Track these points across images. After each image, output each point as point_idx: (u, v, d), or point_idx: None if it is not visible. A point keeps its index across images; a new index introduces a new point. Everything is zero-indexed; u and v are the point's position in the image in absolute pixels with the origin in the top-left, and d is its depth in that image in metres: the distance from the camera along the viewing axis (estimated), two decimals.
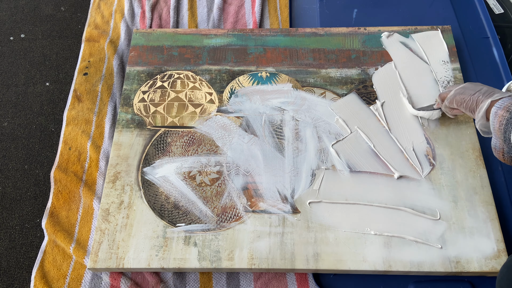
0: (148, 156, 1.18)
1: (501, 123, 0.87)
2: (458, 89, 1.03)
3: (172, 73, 1.32)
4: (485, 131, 0.96)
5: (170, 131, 1.22)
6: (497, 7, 1.48)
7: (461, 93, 1.01)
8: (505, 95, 0.92)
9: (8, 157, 1.37)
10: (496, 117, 0.89)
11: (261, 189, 1.12)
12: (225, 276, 1.09)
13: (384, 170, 1.14)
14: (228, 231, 1.07)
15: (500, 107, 0.88)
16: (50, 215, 1.18)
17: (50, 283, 1.09)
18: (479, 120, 0.95)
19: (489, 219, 1.06)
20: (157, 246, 1.06)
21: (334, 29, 1.38)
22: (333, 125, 1.21)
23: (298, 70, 1.31)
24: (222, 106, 1.25)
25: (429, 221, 1.06)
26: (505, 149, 0.89)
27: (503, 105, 0.88)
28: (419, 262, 1.01)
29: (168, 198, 1.12)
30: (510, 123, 0.85)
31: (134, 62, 1.35)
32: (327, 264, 1.02)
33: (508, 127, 0.86)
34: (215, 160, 1.17)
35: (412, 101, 1.23)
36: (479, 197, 1.09)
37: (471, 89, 0.99)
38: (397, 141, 1.17)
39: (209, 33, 1.40)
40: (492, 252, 1.02)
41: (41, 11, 1.72)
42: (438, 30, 1.35)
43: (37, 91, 1.50)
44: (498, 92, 0.95)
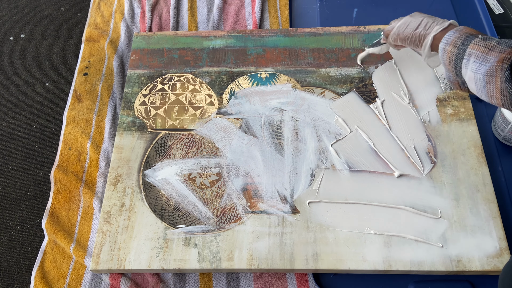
0: (149, 159, 1.18)
1: (451, 59, 0.89)
2: (400, 25, 1.06)
3: (172, 76, 1.32)
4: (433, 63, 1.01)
5: (171, 134, 1.22)
6: (497, 7, 1.47)
7: (403, 29, 1.05)
8: (445, 25, 0.96)
9: (8, 157, 1.37)
10: (445, 53, 0.91)
11: (260, 189, 1.12)
12: (225, 276, 1.09)
13: (384, 169, 1.14)
14: (228, 232, 1.07)
15: (447, 43, 0.90)
16: (50, 215, 1.18)
17: (50, 283, 1.10)
18: (426, 54, 0.99)
19: (491, 217, 1.06)
20: (157, 247, 1.06)
21: (333, 29, 1.38)
22: (332, 124, 1.21)
23: (298, 70, 1.31)
24: (222, 108, 1.25)
25: (430, 219, 1.06)
26: (459, 81, 0.91)
27: (449, 40, 0.90)
28: (420, 262, 1.01)
29: (169, 200, 1.12)
30: (459, 58, 0.87)
31: (135, 65, 1.35)
32: (327, 264, 1.02)
33: (457, 62, 0.88)
34: (215, 162, 1.17)
35: (412, 98, 1.23)
36: (481, 195, 1.09)
37: (412, 22, 1.03)
38: (397, 139, 1.17)
39: (208, 35, 1.40)
40: (494, 251, 1.02)
41: (41, 11, 1.72)
42: None
43: (37, 91, 1.50)
44: (438, 22, 0.98)
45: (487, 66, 0.81)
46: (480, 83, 0.84)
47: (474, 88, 0.86)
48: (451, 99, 1.22)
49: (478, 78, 0.83)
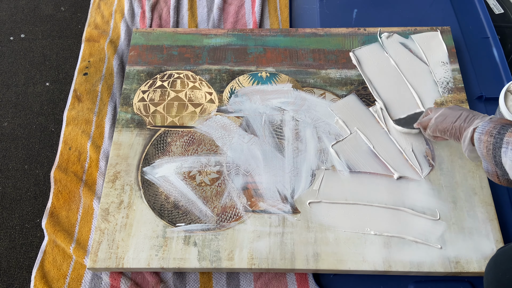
0: (148, 156, 1.18)
1: (488, 149, 0.87)
2: (438, 117, 1.03)
3: (172, 73, 1.32)
4: (474, 156, 0.96)
5: (170, 131, 1.22)
6: (497, 7, 1.48)
7: (441, 121, 1.01)
8: (485, 119, 0.92)
9: (8, 157, 1.37)
10: (481, 143, 0.89)
11: (261, 189, 1.12)
12: (225, 276, 1.09)
13: (383, 170, 1.14)
14: (228, 231, 1.07)
15: (482, 132, 0.89)
16: (50, 215, 1.18)
17: (50, 283, 1.10)
18: (466, 148, 0.95)
19: (488, 220, 1.06)
20: (156, 246, 1.06)
21: (334, 30, 1.38)
22: (332, 125, 1.21)
23: (298, 71, 1.31)
24: (222, 106, 1.25)
25: (429, 221, 1.06)
26: (498, 173, 0.88)
27: (484, 130, 0.88)
28: (419, 262, 1.02)
29: (168, 198, 1.12)
30: (497, 147, 0.85)
31: (134, 61, 1.35)
32: (327, 264, 1.02)
33: (496, 151, 0.85)
34: (215, 160, 1.17)
35: (391, 113, 1.23)
36: (479, 198, 1.09)
37: (451, 116, 1.00)
38: (396, 142, 1.17)
39: (209, 33, 1.40)
40: (491, 253, 1.02)
41: (41, 11, 1.72)
42: (437, 31, 1.35)
43: (37, 91, 1.50)
44: (478, 116, 0.95)
45: None
46: None
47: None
48: (449, 103, 1.23)
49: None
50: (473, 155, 0.96)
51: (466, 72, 1.32)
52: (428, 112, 1.09)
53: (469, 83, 1.30)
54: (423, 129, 1.10)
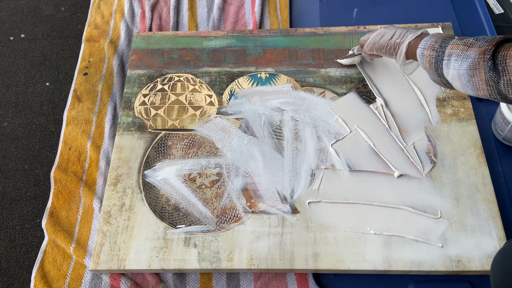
0: (149, 159, 1.18)
1: (431, 62, 0.93)
2: (375, 35, 1.10)
3: (172, 76, 1.32)
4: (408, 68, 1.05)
5: (171, 134, 1.22)
6: (497, 7, 1.47)
7: (378, 39, 1.08)
8: (418, 33, 1.00)
9: (8, 157, 1.37)
10: (424, 57, 0.94)
11: (260, 189, 1.12)
12: (225, 276, 1.09)
13: (384, 169, 1.14)
14: (228, 232, 1.07)
15: (425, 47, 0.94)
16: (50, 215, 1.18)
17: (50, 283, 1.10)
18: (401, 63, 1.03)
19: (491, 217, 1.06)
20: (157, 247, 1.06)
21: (333, 29, 1.38)
22: (332, 124, 1.21)
23: (298, 70, 1.31)
24: (221, 108, 1.25)
25: (430, 219, 1.06)
26: (443, 81, 0.94)
27: (427, 45, 0.94)
28: (420, 261, 1.01)
29: (169, 200, 1.12)
30: (439, 60, 0.90)
31: (135, 65, 1.35)
32: (327, 264, 1.02)
33: (438, 64, 0.91)
34: (215, 162, 1.17)
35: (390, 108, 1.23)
36: (481, 195, 1.09)
37: (387, 34, 1.07)
38: (397, 139, 1.17)
39: (208, 35, 1.40)
40: (494, 251, 1.02)
41: (41, 11, 1.72)
42: (438, 27, 1.35)
43: (37, 91, 1.50)
44: (411, 31, 1.02)
45: (468, 61, 0.84)
46: (465, 78, 0.86)
47: (459, 85, 0.89)
48: (451, 99, 1.22)
49: (462, 74, 0.86)
50: (407, 68, 1.05)
51: None
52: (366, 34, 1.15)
53: None
54: (360, 47, 1.18)
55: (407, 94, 1.24)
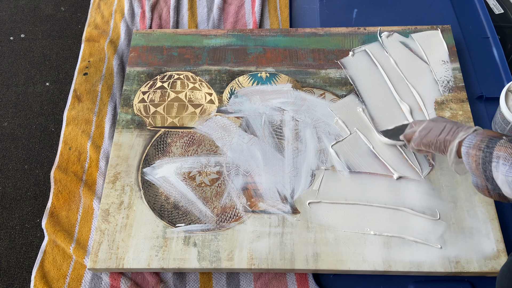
0: (148, 157, 1.18)
1: (478, 163, 0.85)
2: (421, 130, 1.01)
3: (172, 74, 1.32)
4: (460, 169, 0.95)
5: (170, 132, 1.22)
6: (497, 7, 1.48)
7: (425, 135, 0.99)
8: (470, 131, 0.91)
9: (8, 157, 1.37)
10: (469, 157, 0.87)
11: (261, 189, 1.12)
12: (225, 276, 1.09)
13: (383, 170, 1.14)
14: (228, 231, 1.07)
15: (470, 146, 0.87)
16: (50, 215, 1.18)
17: (50, 283, 1.10)
18: (452, 162, 0.94)
19: (489, 219, 1.06)
20: (156, 246, 1.06)
21: (333, 29, 1.38)
22: (332, 126, 1.21)
23: (298, 71, 1.31)
24: (222, 107, 1.25)
25: (429, 221, 1.06)
26: (489, 187, 0.86)
27: (471, 143, 0.87)
28: (419, 262, 1.01)
29: (168, 199, 1.12)
30: (487, 162, 0.83)
31: (134, 62, 1.35)
32: (327, 264, 1.02)
33: (486, 166, 0.83)
34: (215, 161, 1.17)
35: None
36: (479, 197, 1.09)
37: (435, 129, 0.98)
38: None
39: (208, 33, 1.40)
40: (491, 252, 1.02)
41: (41, 11, 1.72)
42: (438, 29, 1.35)
43: (37, 91, 1.50)
44: (462, 128, 0.93)
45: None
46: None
47: (509, 192, 0.81)
48: (449, 102, 1.23)
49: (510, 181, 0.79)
50: (459, 168, 0.95)
51: (466, 72, 1.32)
52: (413, 125, 1.07)
53: (469, 83, 1.30)
54: (407, 142, 1.08)
55: (392, 109, 1.24)
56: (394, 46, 1.33)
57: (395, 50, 1.32)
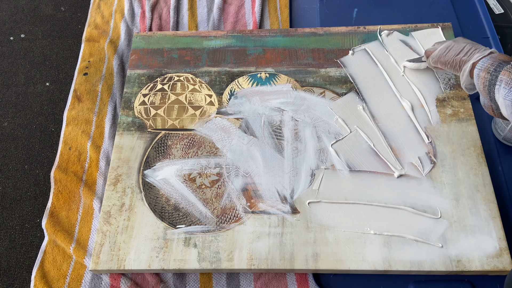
0: (148, 159, 1.18)
1: (484, 85, 0.91)
2: (442, 48, 1.07)
3: (172, 76, 1.32)
4: (470, 88, 1.01)
5: (171, 134, 1.22)
6: (497, 7, 1.47)
7: (444, 53, 1.06)
8: (485, 53, 0.96)
9: (8, 157, 1.37)
10: (479, 79, 0.93)
11: (260, 190, 1.12)
12: (225, 276, 1.09)
13: (384, 169, 1.14)
14: (228, 232, 1.07)
15: (481, 69, 0.93)
16: (50, 215, 1.18)
17: (50, 283, 1.10)
18: (464, 80, 1.00)
19: (491, 217, 1.05)
20: (157, 247, 1.06)
21: (333, 29, 1.38)
22: (332, 124, 1.21)
23: (298, 70, 1.31)
24: (221, 108, 1.25)
25: (430, 219, 1.06)
26: (493, 106, 0.92)
27: (483, 66, 0.92)
28: (420, 262, 1.01)
29: (169, 200, 1.12)
30: (492, 84, 0.89)
31: (135, 65, 1.35)
32: (327, 264, 1.02)
33: (491, 88, 0.90)
34: (215, 162, 1.17)
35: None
36: (481, 195, 1.08)
37: (454, 48, 1.04)
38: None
39: (208, 34, 1.40)
40: (494, 251, 1.01)
41: (41, 11, 1.72)
42: (438, 27, 1.35)
43: (37, 91, 1.50)
44: (479, 50, 0.99)
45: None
46: (509, 109, 0.86)
47: (505, 113, 0.88)
48: (451, 100, 1.22)
49: (507, 104, 0.86)
50: (469, 87, 1.01)
51: None
52: (436, 44, 1.13)
53: None
54: (426, 58, 1.15)
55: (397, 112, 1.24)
56: (394, 44, 1.33)
57: (395, 48, 1.32)
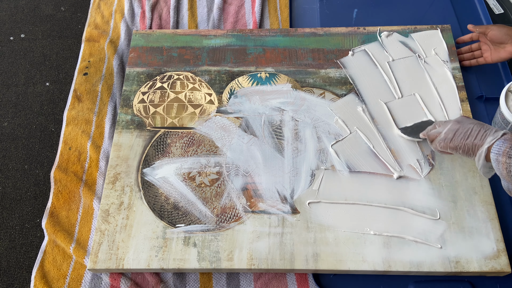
0: (148, 157, 1.18)
1: (509, 170, 0.87)
2: (447, 132, 1.01)
3: (171, 74, 1.32)
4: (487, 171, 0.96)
5: (170, 132, 1.22)
6: (497, 7, 1.47)
7: (452, 138, 0.99)
8: (498, 135, 0.92)
9: (8, 157, 1.37)
10: (500, 164, 0.88)
11: (260, 189, 1.12)
12: (225, 276, 1.09)
13: (383, 170, 1.14)
14: (228, 231, 1.07)
15: (499, 153, 0.88)
16: (50, 215, 1.18)
17: (50, 283, 1.10)
18: (481, 166, 0.94)
19: (489, 219, 1.06)
20: (156, 246, 1.06)
21: (333, 29, 1.38)
22: (332, 125, 1.21)
23: (298, 71, 1.31)
24: (221, 107, 1.25)
25: (429, 221, 1.06)
26: None
27: (501, 151, 0.88)
28: (419, 262, 1.01)
29: (168, 199, 1.12)
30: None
31: (134, 63, 1.35)
32: (327, 264, 1.02)
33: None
34: (214, 161, 1.17)
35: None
36: (479, 197, 1.09)
37: (461, 131, 0.98)
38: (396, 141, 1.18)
39: (208, 33, 1.40)
40: (492, 252, 1.02)
41: (41, 11, 1.72)
42: (437, 29, 1.35)
43: (37, 91, 1.50)
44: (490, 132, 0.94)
45: None
46: None
47: None
48: None
49: None
50: (486, 171, 0.96)
51: (466, 72, 1.32)
52: (436, 126, 1.07)
53: (469, 83, 1.30)
54: (430, 142, 1.08)
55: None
56: (394, 46, 1.33)
57: (395, 50, 1.32)
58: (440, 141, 1.02)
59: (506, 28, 1.19)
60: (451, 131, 1.00)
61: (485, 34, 1.23)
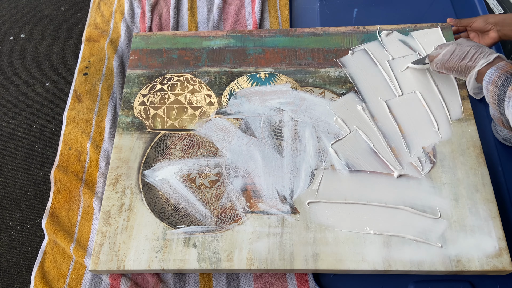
0: (148, 159, 1.18)
1: (494, 99, 0.92)
2: (445, 53, 1.07)
3: (171, 76, 1.32)
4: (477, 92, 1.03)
5: (170, 134, 1.22)
6: (497, 7, 1.47)
7: (448, 59, 1.06)
8: (491, 59, 0.97)
9: (8, 157, 1.37)
10: (488, 92, 0.94)
11: (260, 190, 1.12)
12: (225, 276, 1.09)
13: (383, 169, 1.14)
14: (228, 232, 1.07)
15: (489, 81, 0.93)
16: (50, 215, 1.18)
17: (50, 283, 1.10)
18: (471, 87, 1.01)
19: (491, 217, 1.06)
20: (157, 247, 1.06)
21: (332, 29, 1.38)
22: (332, 124, 1.21)
23: (297, 70, 1.31)
24: (221, 108, 1.25)
25: (429, 219, 1.06)
26: (503, 119, 0.94)
27: (491, 79, 0.93)
28: (419, 262, 1.01)
29: (168, 201, 1.12)
30: (501, 99, 0.90)
31: (134, 65, 1.35)
32: (327, 264, 1.02)
33: (500, 102, 0.90)
34: (214, 162, 1.17)
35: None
36: (480, 195, 1.08)
37: (458, 54, 1.04)
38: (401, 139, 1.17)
39: (208, 35, 1.40)
40: (493, 251, 1.02)
41: (41, 11, 1.72)
42: (438, 27, 1.35)
43: (37, 91, 1.50)
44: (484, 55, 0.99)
45: None
46: None
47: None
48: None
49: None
50: (476, 91, 1.02)
51: None
52: (438, 48, 1.13)
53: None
54: (430, 63, 1.15)
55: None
56: (394, 44, 1.33)
57: (395, 48, 1.32)
58: (437, 62, 1.09)
59: (486, 17, 1.23)
60: (449, 52, 1.06)
61: (469, 27, 1.28)
